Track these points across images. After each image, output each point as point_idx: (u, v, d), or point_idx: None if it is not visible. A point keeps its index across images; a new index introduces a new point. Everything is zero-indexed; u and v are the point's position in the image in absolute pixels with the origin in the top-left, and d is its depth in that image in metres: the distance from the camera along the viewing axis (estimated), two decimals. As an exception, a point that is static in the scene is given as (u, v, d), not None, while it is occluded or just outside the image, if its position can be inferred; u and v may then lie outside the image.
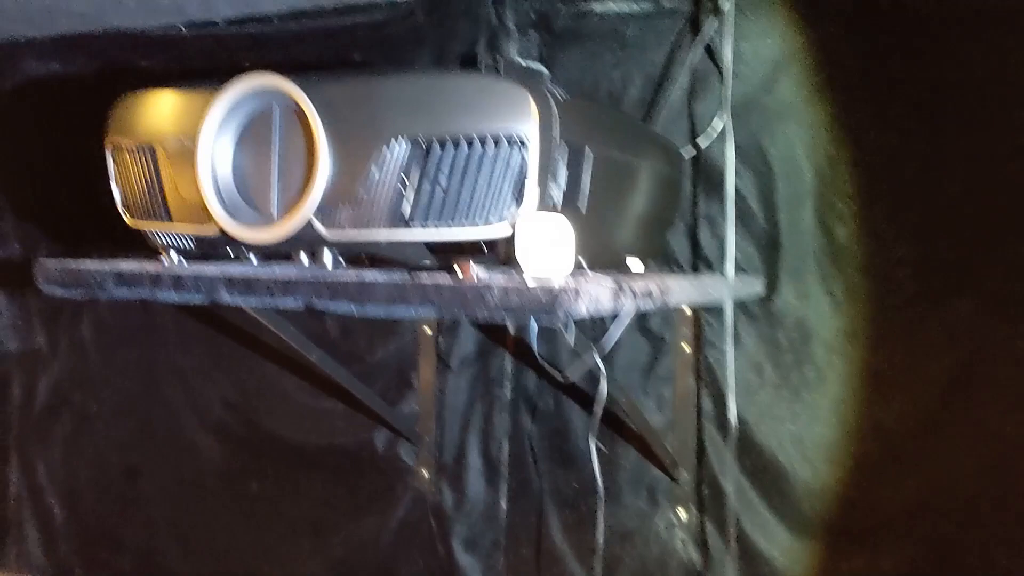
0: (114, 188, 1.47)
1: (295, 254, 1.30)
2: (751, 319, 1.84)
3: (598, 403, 1.46)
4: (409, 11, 2.09)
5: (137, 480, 2.43)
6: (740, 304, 1.82)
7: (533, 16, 2.00)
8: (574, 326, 1.24)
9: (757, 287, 1.81)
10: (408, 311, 1.15)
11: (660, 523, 1.92)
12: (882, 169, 1.73)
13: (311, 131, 1.24)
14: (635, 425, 1.80)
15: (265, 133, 1.29)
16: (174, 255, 1.42)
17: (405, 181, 1.20)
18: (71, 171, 2.40)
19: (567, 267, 1.14)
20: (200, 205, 1.31)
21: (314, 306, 1.21)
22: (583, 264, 1.30)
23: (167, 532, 2.39)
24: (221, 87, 1.30)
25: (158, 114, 1.39)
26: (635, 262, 1.53)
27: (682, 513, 1.90)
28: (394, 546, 2.15)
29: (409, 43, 2.10)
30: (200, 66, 2.29)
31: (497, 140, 1.17)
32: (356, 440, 2.18)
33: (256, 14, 2.21)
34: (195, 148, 1.30)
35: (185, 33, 2.30)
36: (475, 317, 1.16)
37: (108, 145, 1.46)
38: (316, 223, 1.24)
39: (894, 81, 1.72)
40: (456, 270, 1.19)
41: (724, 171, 1.78)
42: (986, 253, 1.66)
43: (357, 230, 1.23)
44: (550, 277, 1.12)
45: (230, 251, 1.37)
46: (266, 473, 2.28)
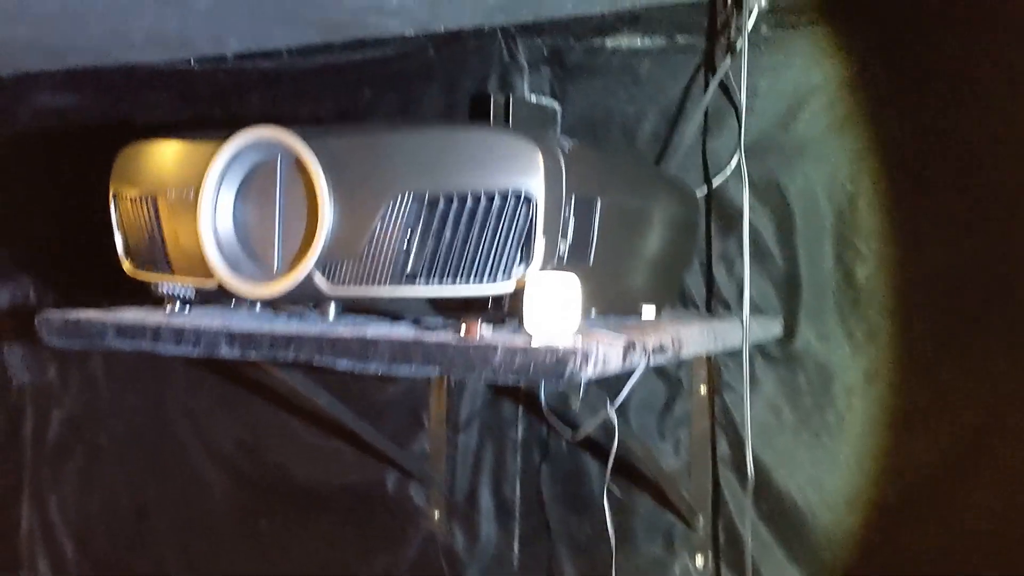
0: (116, 235, 1.46)
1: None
2: (769, 361, 1.80)
3: (611, 455, 1.42)
4: (420, 47, 2.08)
5: (147, 517, 2.41)
6: (758, 345, 1.78)
7: (545, 52, 1.98)
8: (583, 386, 1.21)
9: (775, 329, 1.77)
10: (411, 370, 1.13)
11: (676, 569, 1.88)
12: (903, 208, 1.69)
13: (314, 185, 1.21)
14: (650, 472, 1.76)
15: (268, 185, 1.27)
16: (177, 304, 1.40)
17: (409, 237, 1.18)
18: (81, 205, 2.39)
19: (574, 327, 1.10)
20: (201, 258, 1.29)
21: (316, 363, 1.19)
22: (593, 314, 1.27)
23: (177, 569, 2.38)
24: (224, 138, 1.28)
25: (161, 164, 1.37)
26: (649, 309, 1.49)
27: (699, 560, 1.86)
28: (405, 587, 2.12)
29: (420, 79, 2.08)
30: (209, 97, 2.29)
31: (504, 196, 1.13)
32: (366, 480, 2.16)
33: (266, 49, 2.21)
34: (197, 201, 1.28)
35: (195, 67, 2.30)
36: (479, 378, 1.13)
37: (112, 193, 1.45)
38: (318, 278, 1.22)
39: (916, 118, 1.68)
40: (461, 328, 1.15)
41: (740, 209, 1.74)
42: (1012, 296, 1.62)
43: (360, 286, 1.21)
44: (556, 339, 1.08)
45: (232, 300, 1.35)
46: (276, 512, 2.26)
